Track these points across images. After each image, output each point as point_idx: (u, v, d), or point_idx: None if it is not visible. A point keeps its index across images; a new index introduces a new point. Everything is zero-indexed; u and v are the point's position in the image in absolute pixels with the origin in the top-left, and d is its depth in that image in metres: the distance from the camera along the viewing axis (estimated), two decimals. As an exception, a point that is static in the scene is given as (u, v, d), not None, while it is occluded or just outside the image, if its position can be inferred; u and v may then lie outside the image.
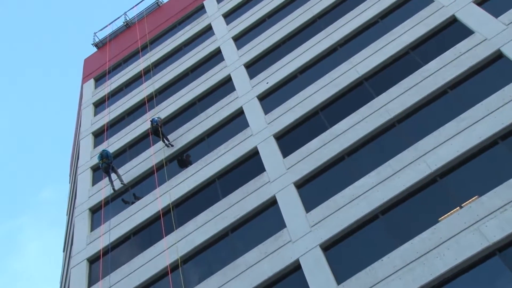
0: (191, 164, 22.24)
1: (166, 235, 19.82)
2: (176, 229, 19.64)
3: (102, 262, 20.33)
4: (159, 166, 23.40)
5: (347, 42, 22.75)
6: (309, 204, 17.35)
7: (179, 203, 21.22)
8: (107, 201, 23.04)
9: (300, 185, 18.39)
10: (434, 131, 16.84)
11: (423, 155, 16.49)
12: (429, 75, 18.61)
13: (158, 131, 22.71)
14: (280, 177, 18.88)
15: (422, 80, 18.63)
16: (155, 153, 23.85)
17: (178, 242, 19.08)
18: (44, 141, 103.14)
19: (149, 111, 26.70)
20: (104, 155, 22.34)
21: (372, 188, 16.60)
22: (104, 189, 23.69)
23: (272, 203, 18.40)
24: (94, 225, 22.78)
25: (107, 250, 20.83)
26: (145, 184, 23.08)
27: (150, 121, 23.30)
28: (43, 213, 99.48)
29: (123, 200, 22.48)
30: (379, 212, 16.15)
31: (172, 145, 23.05)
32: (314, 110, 20.85)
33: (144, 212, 21.56)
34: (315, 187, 18.05)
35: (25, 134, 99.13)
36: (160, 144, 23.68)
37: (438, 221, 14.83)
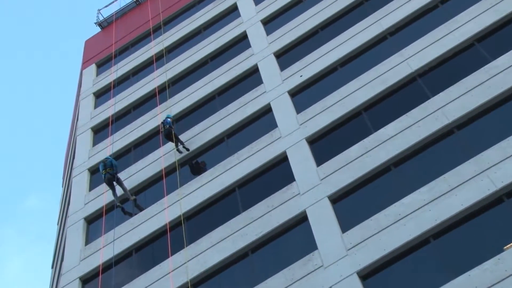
0: (206, 170, 22.57)
1: (174, 253, 20.05)
2: (186, 246, 19.87)
3: (98, 282, 20.59)
4: (169, 171, 23.64)
5: (398, 30, 22.91)
6: (346, 222, 17.50)
7: (191, 216, 21.44)
8: (107, 210, 23.40)
9: (336, 199, 18.55)
10: (501, 141, 16.86)
11: (487, 169, 16.50)
12: (498, 73, 18.65)
13: (171, 134, 23.04)
14: (312, 189, 19.04)
15: (488, 79, 18.67)
16: (165, 155, 24.15)
17: (188, 261, 19.28)
18: (30, 140, 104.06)
19: (159, 104, 27.00)
20: (107, 165, 22.44)
21: (422, 206, 16.64)
22: (103, 195, 23.94)
23: (301, 219, 18.57)
24: (89, 237, 23.07)
25: (104, 268, 21.04)
26: (151, 191, 23.44)
27: (162, 123, 23.55)
28: (27, 224, 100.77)
29: (123, 210, 22.79)
30: (431, 236, 16.16)
31: (187, 149, 23.37)
32: (356, 111, 21.01)
33: (149, 224, 21.78)
34: (354, 203, 18.21)
35: (7, 131, 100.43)
36: (171, 144, 24.03)
37: (503, 250, 14.79)
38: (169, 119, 23.53)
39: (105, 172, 22.23)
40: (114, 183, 22.54)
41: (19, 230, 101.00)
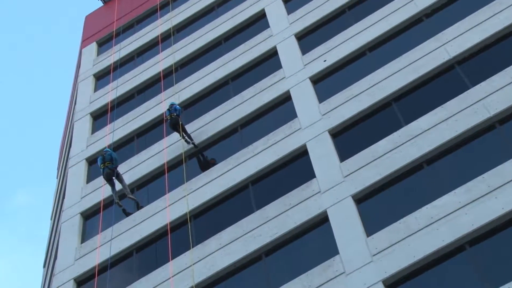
0: (215, 164, 22.65)
1: (179, 255, 20.07)
2: (193, 247, 19.88)
3: (94, 284, 20.62)
4: (175, 163, 23.66)
5: (435, 11, 22.78)
6: (372, 225, 17.50)
7: (198, 213, 21.45)
8: (105, 205, 23.38)
9: (361, 199, 18.54)
10: (548, 138, 16.85)
11: (532, 169, 16.35)
12: (547, 62, 18.69)
13: (179, 124, 22.98)
14: (334, 186, 19.03)
15: (536, 69, 18.73)
16: (171, 146, 24.12)
17: (194, 264, 19.27)
18: (18, 128, 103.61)
19: (165, 90, 26.98)
20: (107, 158, 22.34)
21: (458, 209, 16.58)
22: (102, 189, 23.93)
23: (322, 220, 18.59)
24: (86, 235, 23.13)
25: (101, 269, 21.08)
26: (155, 185, 23.50)
27: (168, 109, 23.45)
28: (16, 222, 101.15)
29: (124, 211, 22.74)
30: (466, 242, 16.09)
31: (195, 146, 23.41)
32: (386, 101, 20.99)
33: (152, 222, 21.79)
34: (381, 204, 18.22)
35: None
36: (178, 134, 23.97)
37: (547, 260, 14.72)
38: (178, 106, 23.51)
39: (104, 167, 22.15)
40: (114, 178, 22.45)
41: (7, 229, 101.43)
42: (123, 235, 21.90)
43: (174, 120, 23.13)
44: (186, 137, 23.37)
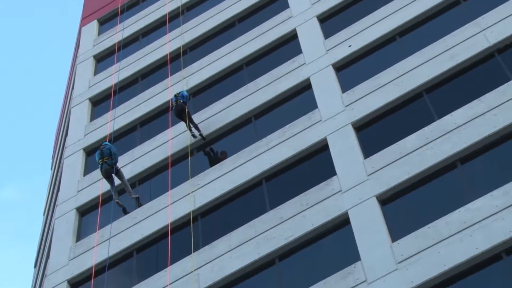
0: (225, 158, 22.64)
1: (184, 257, 20.05)
2: (199, 249, 19.94)
3: (89, 286, 20.65)
4: (181, 156, 23.70)
5: (474, -7, 22.68)
6: (397, 229, 17.46)
7: (206, 212, 21.43)
8: (104, 200, 23.34)
9: (386, 200, 18.52)
10: None
11: None
12: None
13: (185, 113, 22.94)
14: (357, 186, 19.01)
15: None
16: (177, 137, 24.13)
17: (200, 268, 19.30)
18: (6, 115, 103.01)
19: (172, 74, 26.93)
20: (105, 153, 22.30)
21: (494, 214, 16.43)
22: (100, 182, 23.83)
23: (342, 222, 18.56)
24: (81, 232, 23.18)
25: (97, 271, 21.10)
26: (159, 180, 23.48)
27: (175, 96, 23.43)
28: (5, 218, 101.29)
29: (124, 210, 22.72)
30: (503, 250, 15.92)
31: (203, 138, 23.43)
32: (416, 92, 20.91)
33: (155, 220, 21.79)
34: (408, 205, 18.20)
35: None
36: (184, 124, 23.93)
37: None
38: (185, 92, 23.47)
39: (102, 162, 22.10)
40: (113, 175, 22.39)
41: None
42: (123, 234, 21.94)
43: (180, 108, 23.04)
44: (192, 128, 23.36)
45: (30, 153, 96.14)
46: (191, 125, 23.30)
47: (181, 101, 23.14)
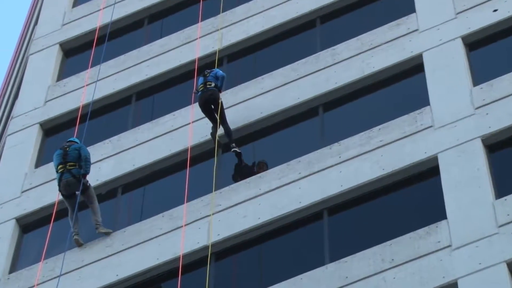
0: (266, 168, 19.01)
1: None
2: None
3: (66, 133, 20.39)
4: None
5: None
6: (480, 74, 17.71)
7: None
8: (100, 38, 22.42)
9: (473, 44, 18.60)
10: None
11: None
12: None
13: (217, 103, 19.24)
14: (439, 25, 18.71)
15: None
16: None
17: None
18: None
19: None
20: (71, 156, 18.64)
21: None
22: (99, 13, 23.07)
23: (414, 68, 18.44)
24: (63, 73, 22.72)
25: (81, 116, 20.46)
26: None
27: (203, 75, 19.88)
28: None
29: (77, 242, 18.78)
30: None
31: (238, 153, 19.44)
32: None
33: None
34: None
35: None
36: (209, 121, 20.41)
37: None
38: (221, 72, 19.71)
39: (63, 170, 18.28)
40: (78, 194, 18.55)
41: None
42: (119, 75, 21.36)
43: (210, 95, 19.11)
44: (224, 131, 19.32)
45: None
46: (223, 128, 19.51)
47: (212, 84, 18.98)
